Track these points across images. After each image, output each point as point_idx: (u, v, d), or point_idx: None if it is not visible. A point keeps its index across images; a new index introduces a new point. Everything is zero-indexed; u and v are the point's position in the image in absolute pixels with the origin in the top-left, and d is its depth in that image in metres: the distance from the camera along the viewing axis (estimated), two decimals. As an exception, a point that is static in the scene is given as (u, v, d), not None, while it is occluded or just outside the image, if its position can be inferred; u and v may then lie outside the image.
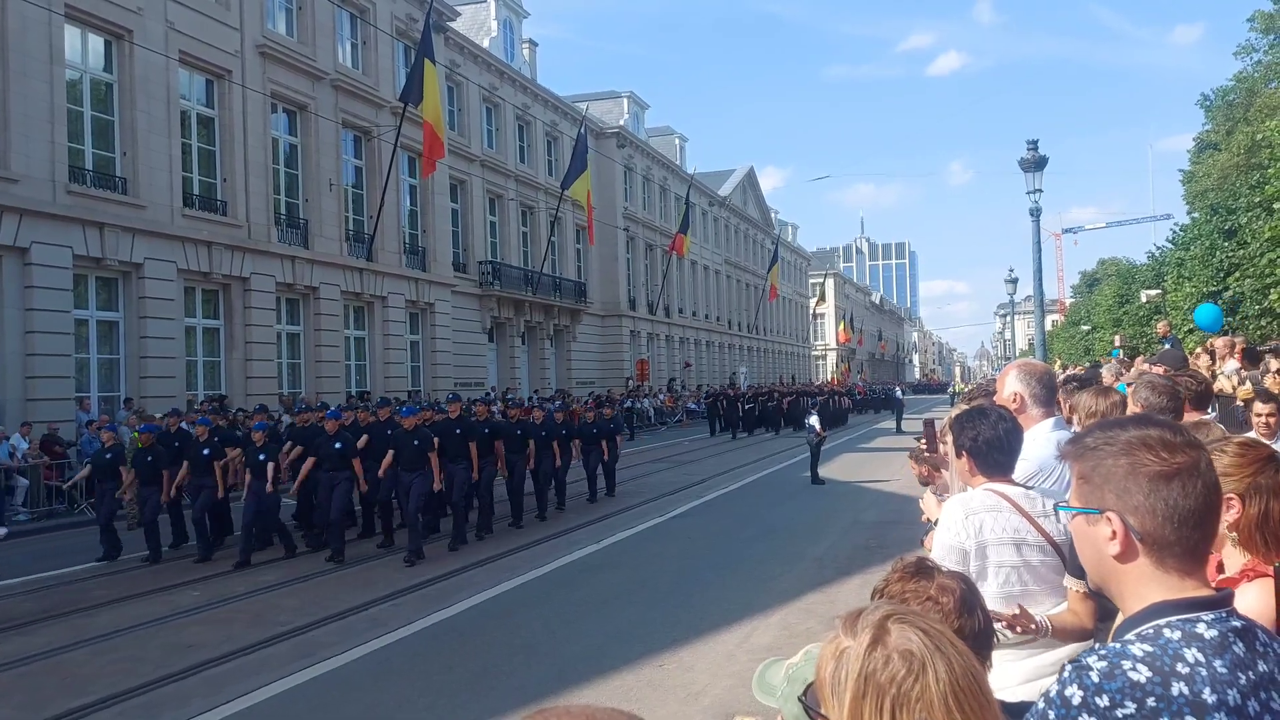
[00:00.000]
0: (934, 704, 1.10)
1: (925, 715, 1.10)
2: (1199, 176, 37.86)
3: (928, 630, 1.18)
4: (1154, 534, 1.32)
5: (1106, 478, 1.36)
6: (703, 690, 6.11)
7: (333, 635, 7.79)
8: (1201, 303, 23.08)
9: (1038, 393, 3.38)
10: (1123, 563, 1.36)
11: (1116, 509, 1.35)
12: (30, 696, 6.39)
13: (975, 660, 1.18)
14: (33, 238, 16.96)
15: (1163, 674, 1.20)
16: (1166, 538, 1.32)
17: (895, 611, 1.22)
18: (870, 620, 1.20)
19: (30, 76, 17.04)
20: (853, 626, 1.21)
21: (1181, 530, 1.32)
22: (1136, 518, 1.33)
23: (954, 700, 1.11)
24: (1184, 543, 1.32)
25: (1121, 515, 1.34)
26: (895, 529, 11.93)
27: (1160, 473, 1.32)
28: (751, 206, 69.29)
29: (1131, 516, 1.34)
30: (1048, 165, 17.56)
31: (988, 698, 1.16)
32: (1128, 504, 1.34)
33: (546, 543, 12.00)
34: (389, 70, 27.78)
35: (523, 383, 36.19)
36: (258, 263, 22.37)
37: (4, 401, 16.52)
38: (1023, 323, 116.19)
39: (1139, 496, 1.33)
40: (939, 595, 1.73)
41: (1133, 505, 1.33)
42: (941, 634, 1.19)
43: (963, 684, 1.13)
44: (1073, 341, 57.26)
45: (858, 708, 1.13)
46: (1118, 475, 1.35)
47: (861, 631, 1.18)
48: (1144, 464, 1.33)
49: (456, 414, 12.78)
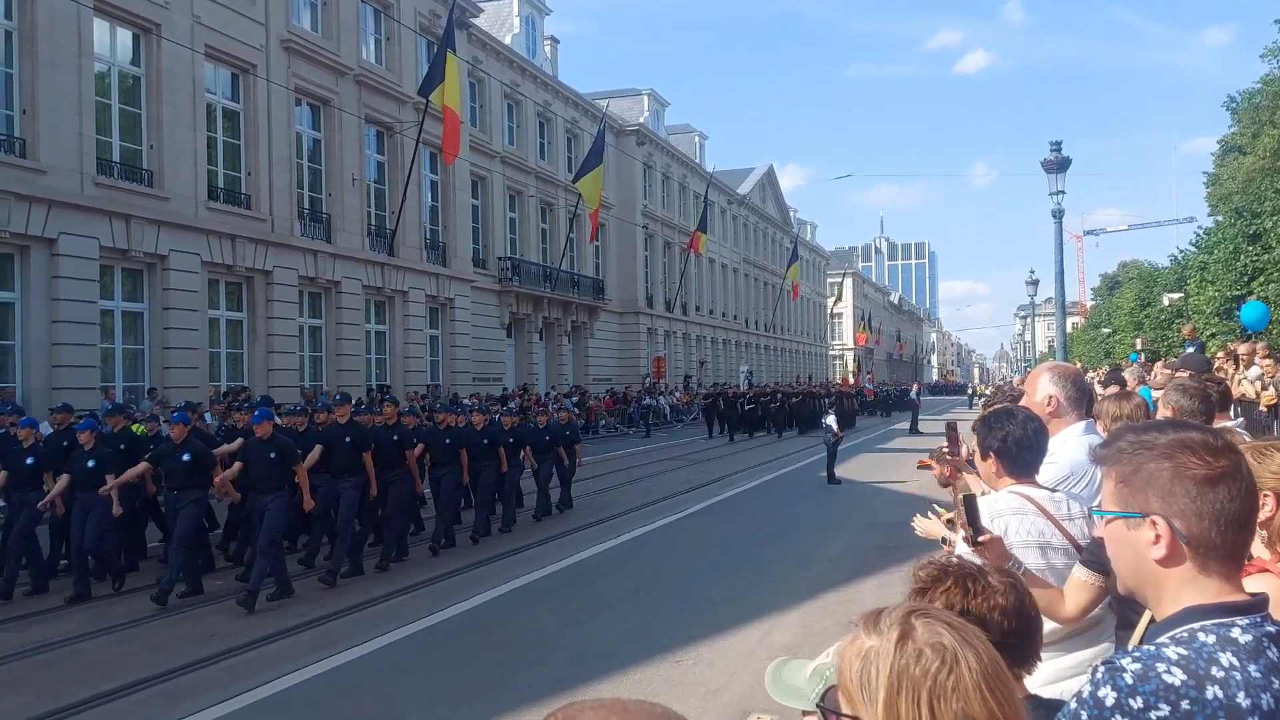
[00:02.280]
0: (969, 693, 1.12)
1: (962, 705, 1.12)
2: (1223, 179, 37.48)
3: (953, 623, 1.20)
4: (1200, 537, 1.32)
5: (1150, 481, 1.35)
6: (722, 687, 6.12)
7: (352, 627, 7.86)
8: (1227, 306, 22.86)
9: (1072, 395, 3.36)
10: (1166, 567, 1.35)
11: (1161, 512, 1.34)
12: (51, 684, 6.46)
13: (996, 651, 1.20)
14: (60, 229, 17.15)
15: (1197, 677, 1.20)
16: (1213, 540, 1.32)
17: (917, 607, 1.24)
18: (895, 617, 1.21)
19: (59, 69, 17.23)
20: (875, 625, 1.21)
21: (1227, 533, 1.31)
22: (1182, 521, 1.32)
23: (987, 689, 1.13)
24: (1228, 545, 1.32)
25: (1167, 519, 1.33)
26: (912, 530, 11.88)
27: (1206, 476, 1.32)
28: (770, 205, 69.12)
29: (1177, 520, 1.33)
30: (1071, 167, 17.45)
31: (1012, 685, 1.19)
32: (1173, 507, 1.33)
33: (562, 539, 12.02)
34: (412, 66, 27.89)
35: (540, 379, 36.27)
36: (280, 256, 22.53)
37: (30, 390, 16.71)
38: (1043, 325, 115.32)
39: (1185, 500, 1.32)
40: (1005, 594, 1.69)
41: (1178, 509, 1.33)
42: (965, 626, 1.21)
43: (992, 672, 1.15)
44: (1093, 344, 56.87)
45: (893, 704, 1.13)
46: (1162, 479, 1.34)
47: (887, 629, 1.19)
48: (1189, 467, 1.33)
49: (346, 418, 10.28)
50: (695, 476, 19.58)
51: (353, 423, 10.35)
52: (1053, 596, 2.54)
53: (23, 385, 16.79)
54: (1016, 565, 2.47)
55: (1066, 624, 2.59)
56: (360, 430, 10.24)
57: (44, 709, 5.92)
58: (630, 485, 18.03)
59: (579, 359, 40.29)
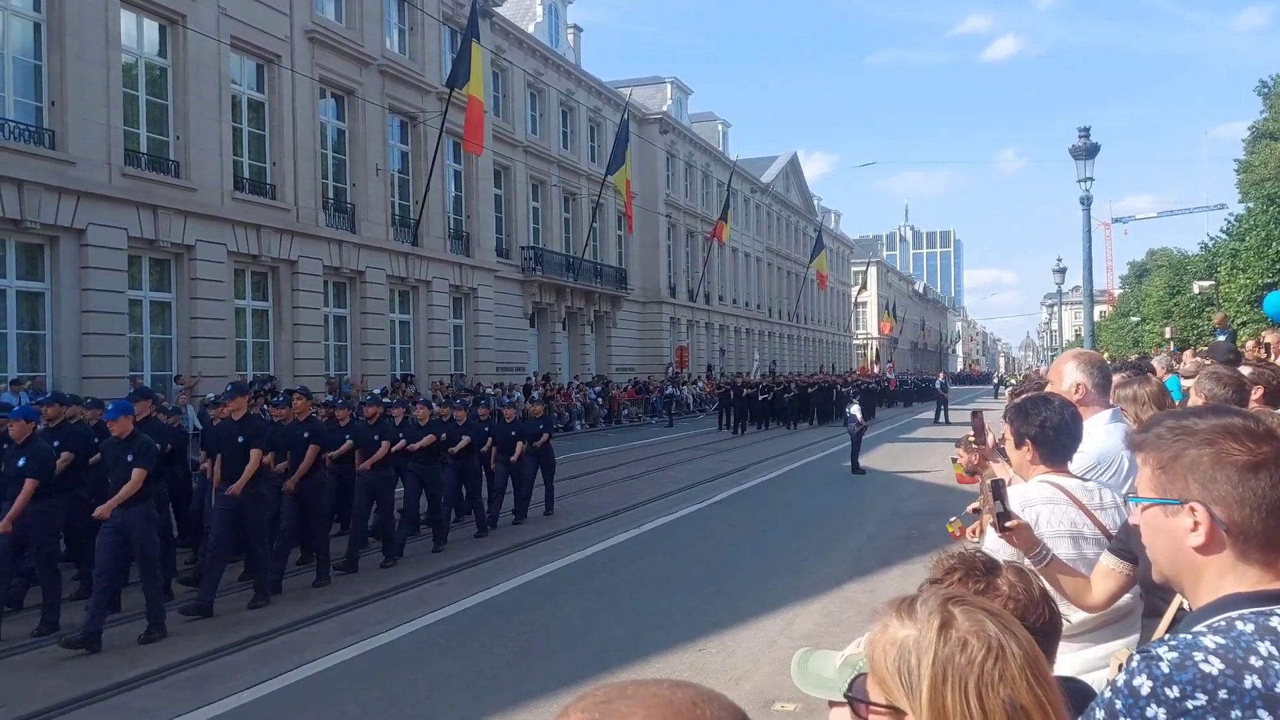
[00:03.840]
0: (1016, 681, 1.11)
1: (1010, 693, 1.11)
2: (1255, 165, 36.88)
3: (992, 611, 1.19)
4: (1241, 525, 1.29)
5: (1190, 468, 1.32)
6: (744, 675, 6.12)
7: (379, 613, 7.92)
8: (1259, 294, 22.49)
9: (1099, 383, 3.30)
10: (1205, 554, 1.32)
11: (1201, 499, 1.31)
12: (82, 669, 6.56)
13: (1033, 638, 1.19)
14: (89, 219, 17.34)
15: (1235, 666, 1.18)
16: (1254, 528, 1.29)
17: (953, 595, 1.21)
18: (932, 605, 1.18)
19: (87, 61, 17.38)
20: (910, 613, 1.19)
21: (1269, 521, 1.29)
22: (1223, 508, 1.30)
23: (1032, 676, 1.12)
24: (1269, 533, 1.29)
25: (1207, 506, 1.31)
26: (936, 520, 11.76)
27: (1249, 462, 1.29)
28: (794, 193, 68.74)
29: (1217, 507, 1.30)
30: (1101, 153, 17.21)
31: (1049, 671, 1.19)
32: (1213, 494, 1.30)
33: (585, 528, 12.04)
34: (435, 56, 27.92)
35: (563, 368, 36.34)
36: (305, 246, 22.66)
37: (60, 379, 16.94)
38: (1070, 313, 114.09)
39: (1226, 486, 1.30)
40: (1007, 599, 1.68)
41: (1219, 495, 1.30)
42: (1004, 613, 1.20)
43: (1034, 658, 1.15)
44: (1121, 333, 56.19)
45: (938, 694, 1.11)
46: (1203, 465, 1.31)
47: (926, 618, 1.16)
48: (1230, 453, 1.30)
49: (241, 414, 8.61)
50: (718, 466, 19.57)
51: (249, 418, 8.69)
52: (1080, 585, 2.51)
53: (53, 374, 17.02)
54: (1043, 555, 2.44)
55: (1093, 611, 2.55)
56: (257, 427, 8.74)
57: (76, 693, 6.01)
58: (652, 474, 18.03)
59: (602, 349, 40.31)
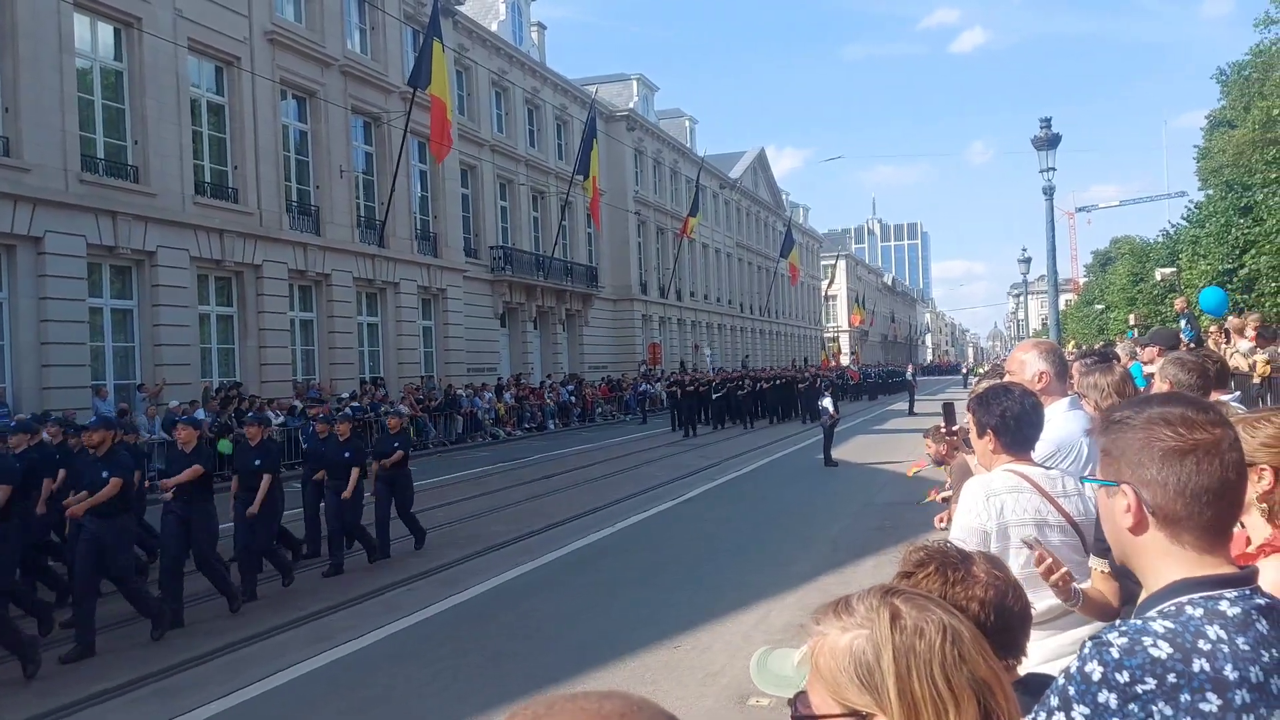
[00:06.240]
0: (974, 658, 1.16)
1: (971, 670, 1.14)
2: (1214, 153, 37.44)
3: (928, 597, 1.24)
4: (1165, 508, 1.34)
5: (1124, 451, 1.38)
6: (720, 671, 6.12)
7: (349, 620, 7.84)
8: (1216, 281, 22.88)
9: (1060, 371, 3.35)
10: (1135, 535, 1.37)
11: (1131, 482, 1.37)
12: (46, 681, 6.44)
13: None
14: (46, 227, 17.02)
15: (1184, 650, 1.20)
16: (1178, 513, 1.33)
17: (889, 588, 1.24)
18: (872, 602, 1.19)
19: (41, 66, 17.06)
20: (848, 615, 1.19)
21: (1193, 506, 1.32)
22: (1149, 491, 1.35)
23: (978, 653, 1.17)
24: (1196, 518, 1.33)
25: (1135, 488, 1.36)
26: (909, 510, 11.88)
27: (1174, 448, 1.33)
28: (762, 189, 68.96)
29: (1144, 489, 1.35)
30: (1066, 143, 17.43)
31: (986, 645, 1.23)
32: (1141, 477, 1.36)
33: (559, 527, 12.00)
34: (398, 56, 27.71)
35: (535, 368, 36.21)
36: (269, 250, 22.40)
37: (19, 390, 16.64)
38: (1036, 303, 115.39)
39: (1151, 470, 1.34)
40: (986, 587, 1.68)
41: (1146, 479, 1.35)
42: (935, 597, 1.26)
43: (978, 636, 1.20)
44: (1086, 321, 56.98)
45: (905, 685, 1.12)
46: (1133, 449, 1.37)
47: (871, 615, 1.17)
48: (1159, 439, 1.35)
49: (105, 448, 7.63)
50: (692, 461, 19.59)
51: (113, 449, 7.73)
52: (1101, 597, 2.52)
53: (13, 385, 16.71)
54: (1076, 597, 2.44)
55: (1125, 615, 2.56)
56: None
57: (41, 708, 5.90)
58: (627, 473, 18.02)
59: (574, 347, 40.22)
